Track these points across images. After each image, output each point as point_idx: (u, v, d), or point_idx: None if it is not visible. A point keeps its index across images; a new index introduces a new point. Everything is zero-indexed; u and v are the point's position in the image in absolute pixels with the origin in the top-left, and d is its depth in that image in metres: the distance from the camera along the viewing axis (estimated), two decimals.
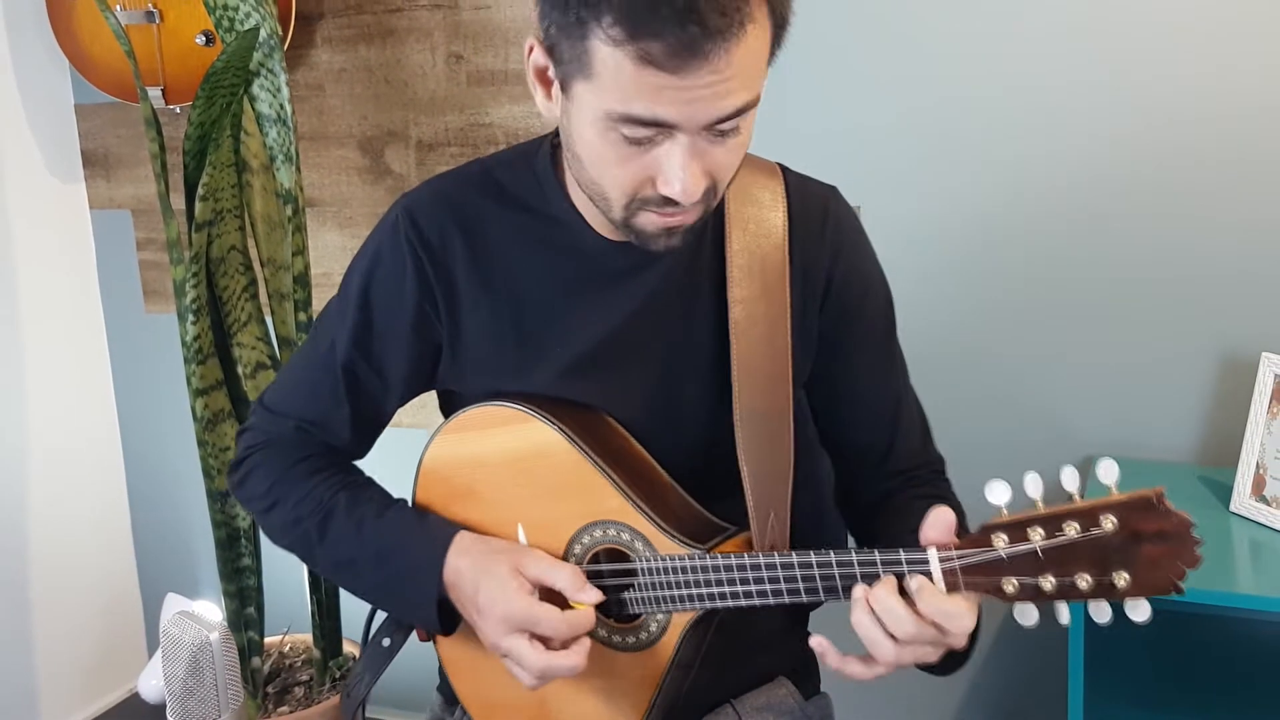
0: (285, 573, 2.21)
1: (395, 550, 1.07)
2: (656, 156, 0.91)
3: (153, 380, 2.48)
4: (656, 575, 1.00)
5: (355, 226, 2.26)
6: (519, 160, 1.11)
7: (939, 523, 0.87)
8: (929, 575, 0.87)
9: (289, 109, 1.89)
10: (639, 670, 1.04)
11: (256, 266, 2.00)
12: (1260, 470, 1.60)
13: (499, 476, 1.08)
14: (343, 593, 2.07)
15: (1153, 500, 0.79)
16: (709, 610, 1.00)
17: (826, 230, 1.09)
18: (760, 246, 1.06)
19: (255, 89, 1.89)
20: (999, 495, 0.83)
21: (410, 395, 1.16)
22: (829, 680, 1.26)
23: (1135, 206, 1.79)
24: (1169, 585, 0.80)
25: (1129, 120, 1.77)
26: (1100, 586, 0.81)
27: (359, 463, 1.20)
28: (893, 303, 1.16)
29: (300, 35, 2.17)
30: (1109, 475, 0.80)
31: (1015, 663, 1.99)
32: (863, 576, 0.90)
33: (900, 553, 0.88)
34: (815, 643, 0.93)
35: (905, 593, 0.88)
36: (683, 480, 1.07)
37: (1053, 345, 1.87)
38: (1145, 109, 1.76)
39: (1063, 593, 0.82)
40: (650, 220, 0.95)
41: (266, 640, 2.12)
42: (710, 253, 1.08)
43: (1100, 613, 0.83)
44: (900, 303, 1.19)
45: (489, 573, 1.00)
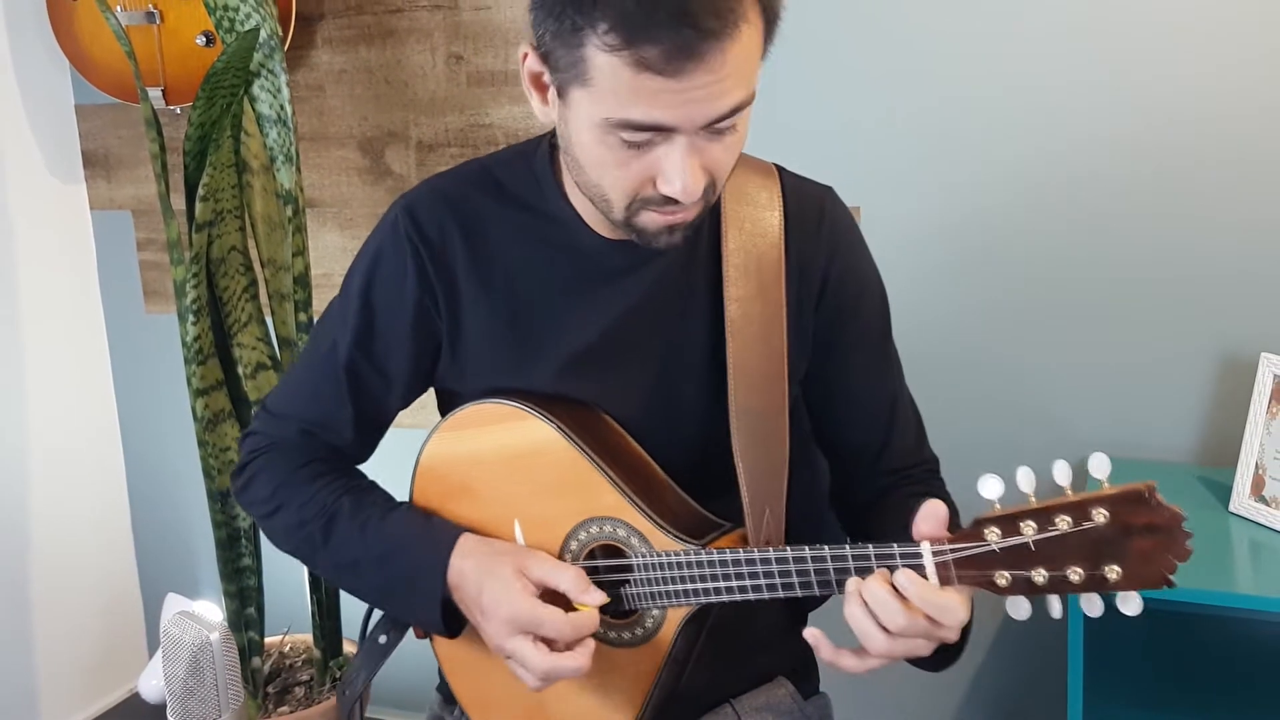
0: (285, 573, 2.21)
1: (399, 552, 1.07)
2: (656, 158, 0.91)
3: (153, 380, 2.49)
4: (652, 571, 1.01)
5: (355, 227, 2.26)
6: (517, 160, 1.12)
7: (931, 516, 0.88)
8: (922, 568, 0.87)
9: (289, 110, 1.89)
10: (635, 666, 1.04)
11: (257, 267, 2.00)
12: (1259, 470, 1.60)
13: (496, 474, 1.08)
14: (343, 593, 2.07)
15: (1143, 494, 0.79)
16: (704, 605, 1.01)
17: (822, 230, 1.10)
18: (756, 246, 1.07)
19: (255, 90, 1.89)
20: (991, 489, 0.84)
21: (413, 395, 1.16)
22: (828, 680, 1.26)
23: (1135, 206, 1.79)
24: (1160, 579, 0.80)
25: (1128, 120, 1.77)
26: (1091, 579, 0.82)
27: (363, 465, 1.20)
28: (888, 302, 1.16)
29: (300, 36, 2.17)
30: (1100, 469, 0.81)
31: (1015, 663, 1.99)
32: (857, 570, 0.91)
33: (894, 546, 0.89)
34: (809, 634, 0.93)
35: (898, 586, 0.88)
36: (679, 477, 1.07)
37: (1052, 345, 1.87)
38: (1145, 109, 1.76)
39: (1054, 586, 0.83)
40: (651, 219, 0.96)
41: (267, 640, 2.12)
42: (706, 252, 1.08)
43: (1092, 606, 0.83)
44: (899, 303, 1.18)
45: (493, 574, 1.00)
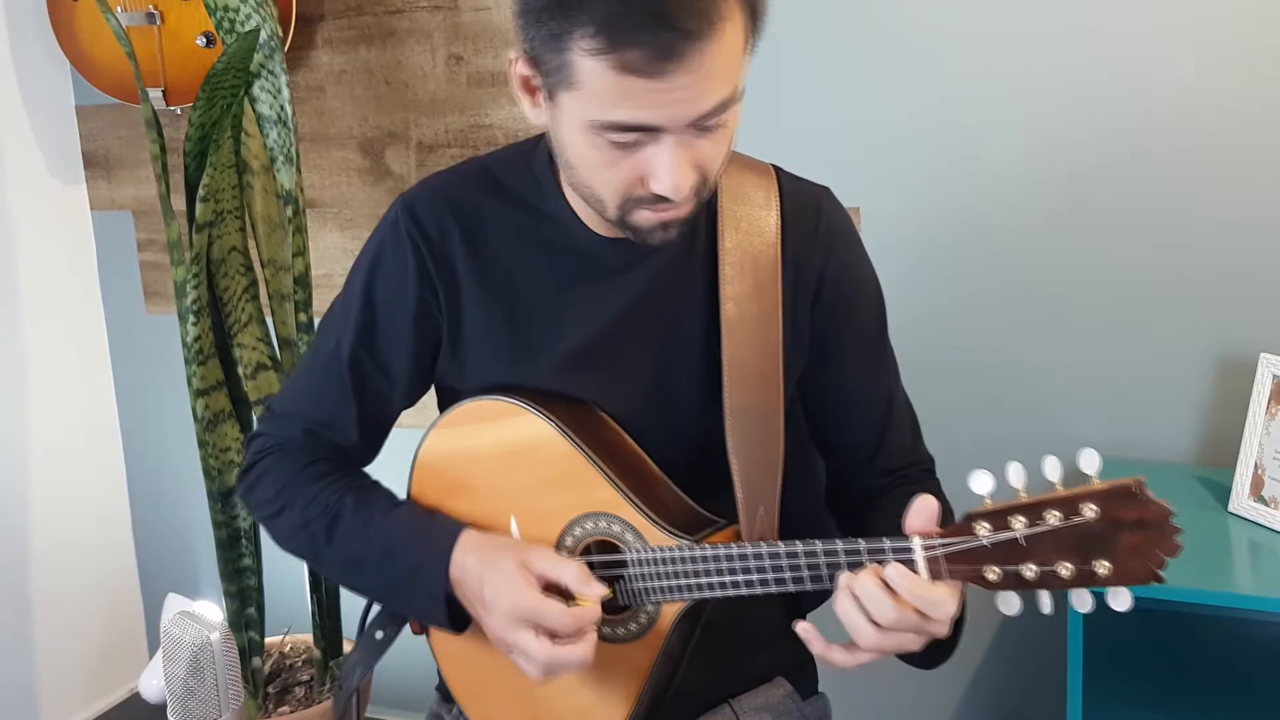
0: (286, 573, 2.22)
1: (401, 549, 1.08)
2: (645, 157, 0.92)
3: (153, 381, 2.49)
4: (646, 566, 1.01)
5: (356, 228, 2.26)
6: (516, 158, 1.12)
7: (922, 511, 0.88)
8: (913, 563, 0.87)
9: (289, 110, 1.89)
10: (628, 661, 1.05)
11: (257, 267, 2.01)
12: (1259, 471, 1.60)
13: (493, 470, 1.08)
14: (343, 593, 2.07)
15: (1132, 489, 0.79)
16: (698, 601, 1.01)
17: (819, 230, 1.10)
18: (753, 245, 1.07)
19: (256, 90, 1.89)
20: (982, 485, 0.84)
21: (415, 393, 1.17)
22: (827, 681, 1.26)
23: (1134, 206, 1.79)
24: (1149, 574, 0.80)
25: (1128, 120, 1.77)
26: (1081, 574, 0.82)
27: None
28: (884, 302, 1.16)
29: (300, 37, 2.17)
30: (1090, 465, 0.81)
31: (1014, 663, 1.99)
32: (848, 565, 0.91)
33: (884, 541, 0.89)
34: (801, 629, 0.94)
35: (888, 581, 0.88)
36: (675, 474, 1.08)
37: (1051, 345, 1.87)
38: (1144, 109, 1.76)
39: (1044, 581, 0.83)
40: (645, 217, 0.97)
41: (267, 640, 2.12)
42: (703, 251, 1.09)
43: (1082, 602, 0.83)
44: (897, 303, 1.19)
45: (495, 568, 1.00)
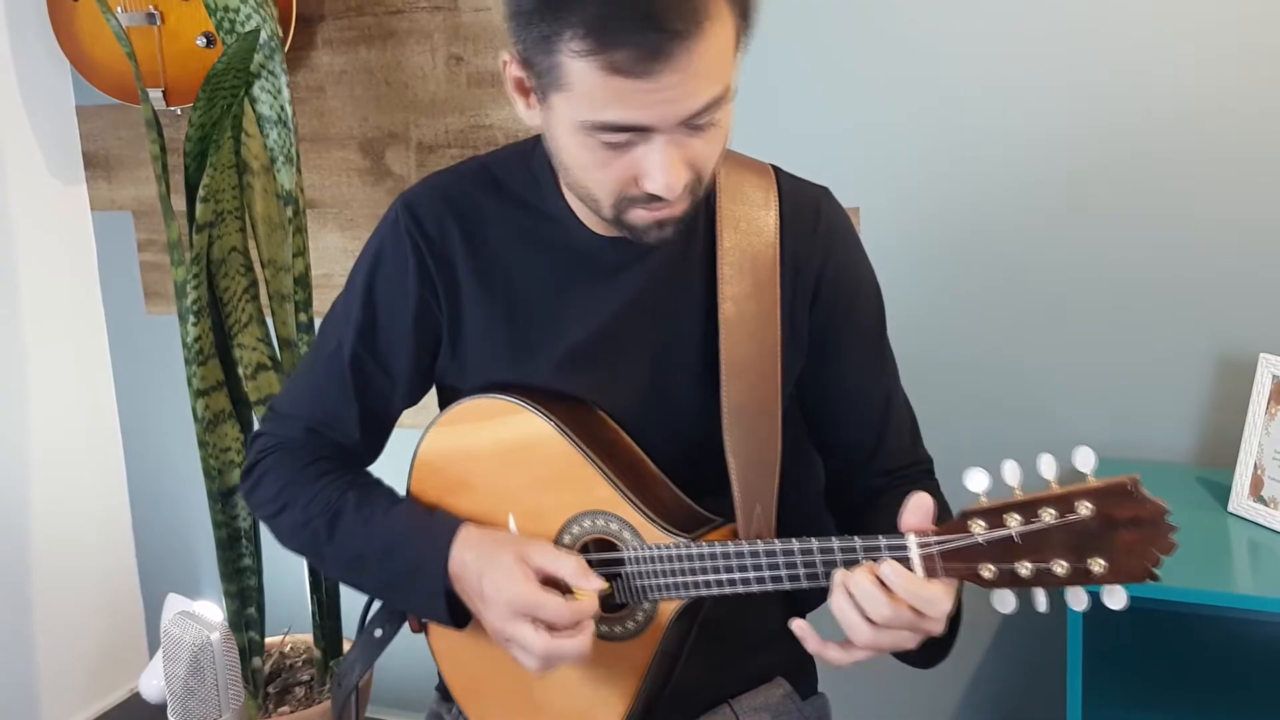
0: (286, 573, 2.22)
1: (401, 545, 1.08)
2: (637, 157, 0.93)
3: (154, 381, 2.49)
4: (643, 564, 1.01)
5: (356, 228, 2.26)
6: (516, 158, 1.13)
7: (918, 509, 0.88)
8: (908, 560, 0.88)
9: (290, 111, 1.90)
10: (626, 659, 1.05)
11: (257, 268, 2.01)
12: (1258, 471, 1.60)
13: (491, 468, 1.09)
14: (343, 593, 2.08)
15: (1128, 487, 0.79)
16: (694, 599, 1.01)
17: (818, 230, 1.10)
18: (751, 245, 1.07)
19: (256, 91, 1.90)
20: (977, 483, 0.84)
21: (416, 392, 1.17)
22: (826, 681, 1.26)
23: (1134, 206, 1.79)
24: (1144, 572, 0.80)
25: (1128, 120, 1.77)
26: (1076, 573, 0.82)
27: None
28: (883, 303, 1.16)
29: (301, 37, 2.18)
30: (1085, 463, 0.81)
31: (1014, 663, 1.99)
32: (843, 562, 0.91)
33: (880, 538, 0.89)
34: (795, 626, 0.94)
35: (883, 578, 0.88)
36: (673, 473, 1.08)
37: (1051, 346, 1.87)
38: (1144, 109, 1.76)
39: (1039, 579, 0.83)
40: (640, 216, 0.97)
41: (267, 640, 2.12)
42: (701, 251, 1.09)
43: (1077, 600, 0.83)
44: (897, 303, 1.19)
45: (494, 562, 1.01)
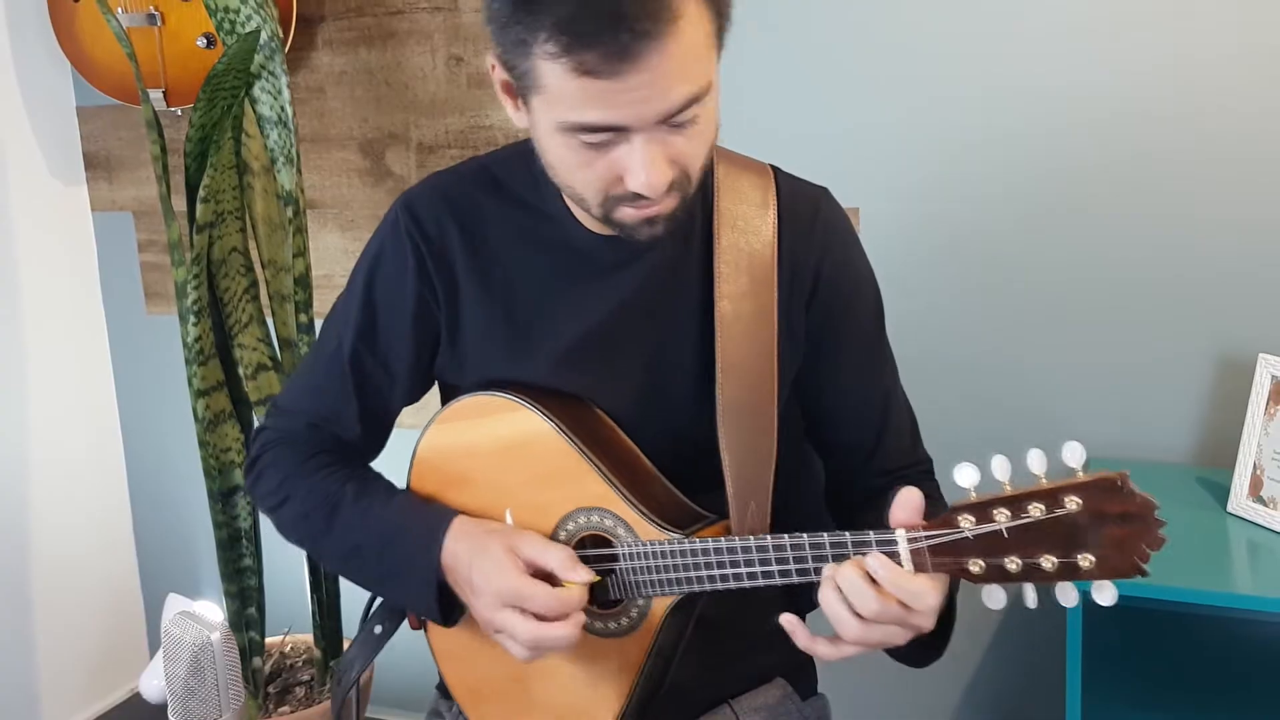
0: (286, 573, 2.22)
1: (396, 536, 1.09)
2: (618, 156, 0.93)
3: (154, 381, 2.49)
4: (637, 560, 1.02)
5: (356, 228, 2.26)
6: (516, 158, 1.13)
7: (907, 504, 0.89)
8: (897, 555, 0.88)
9: (290, 111, 1.90)
10: (622, 655, 1.05)
11: (258, 268, 2.01)
12: (1257, 471, 1.60)
13: (489, 464, 1.09)
14: (343, 593, 2.08)
15: (1116, 482, 0.79)
16: (689, 595, 1.01)
17: (816, 229, 1.10)
18: (749, 244, 1.08)
19: (256, 91, 1.90)
20: (967, 478, 0.84)
21: (416, 390, 1.18)
22: (826, 681, 1.27)
23: (1134, 207, 1.79)
24: (1133, 567, 0.80)
25: (1127, 120, 1.77)
26: (1065, 568, 0.82)
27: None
28: (882, 303, 1.16)
29: (301, 38, 2.18)
30: (1075, 458, 0.81)
31: (1013, 663, 1.99)
32: (834, 557, 0.92)
33: (870, 534, 0.90)
34: (785, 620, 0.94)
35: (870, 571, 0.88)
36: (670, 471, 1.08)
37: (1050, 346, 1.87)
38: (1143, 109, 1.76)
39: (1028, 574, 0.83)
40: (628, 214, 0.97)
41: (267, 640, 2.12)
42: (699, 249, 1.09)
43: (1067, 596, 0.83)
44: (896, 304, 1.19)
45: (484, 553, 1.02)
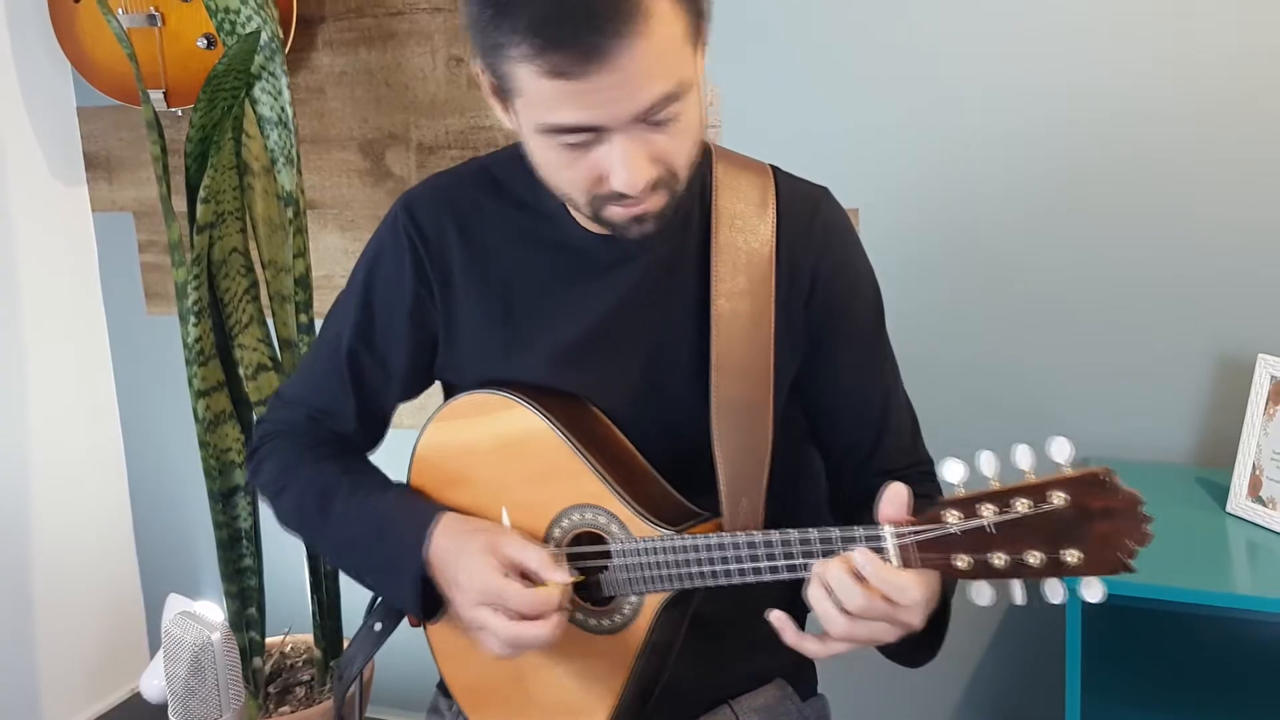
0: (287, 573, 2.22)
1: (386, 530, 1.10)
2: (599, 156, 0.93)
3: (154, 382, 2.49)
4: (629, 557, 1.02)
5: (356, 229, 2.27)
6: (516, 158, 1.13)
7: (894, 499, 0.89)
8: (884, 550, 0.88)
9: (290, 112, 1.90)
10: (615, 652, 1.05)
11: (258, 268, 2.01)
12: (1256, 471, 1.60)
13: (487, 462, 1.10)
14: (343, 593, 2.08)
15: (1101, 477, 0.79)
16: (682, 592, 1.01)
17: (815, 229, 1.10)
18: (747, 243, 1.08)
19: (256, 92, 1.90)
20: (954, 474, 0.84)
21: (412, 389, 1.19)
22: (826, 682, 1.27)
23: (1133, 207, 1.79)
24: (1119, 564, 0.80)
25: (1127, 120, 1.77)
26: (1051, 563, 0.81)
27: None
28: (882, 303, 1.16)
29: (301, 38, 2.18)
30: (1061, 454, 0.81)
31: (1013, 663, 1.99)
32: (821, 553, 0.92)
33: (857, 529, 0.90)
34: (773, 617, 0.94)
35: (855, 566, 0.88)
36: (667, 469, 1.08)
37: (1050, 346, 1.87)
38: (1143, 109, 1.76)
39: (1014, 570, 0.83)
40: (615, 213, 0.98)
41: (268, 640, 2.13)
42: (696, 248, 1.09)
43: (1054, 593, 0.83)
44: (896, 304, 1.19)
45: (465, 551, 1.03)
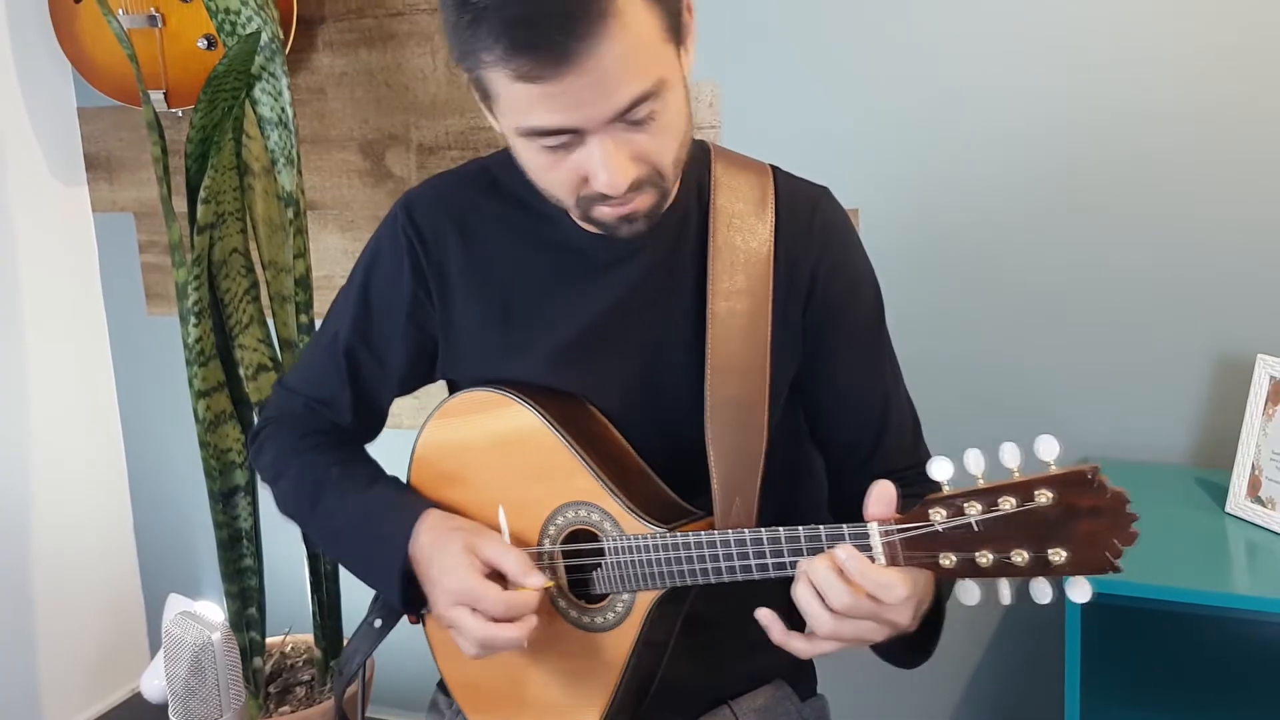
0: (287, 573, 2.22)
1: (372, 522, 1.11)
2: (579, 157, 0.93)
3: (155, 382, 2.50)
4: (621, 555, 1.02)
5: (356, 229, 2.27)
6: (515, 159, 1.13)
7: (881, 498, 0.88)
8: (870, 548, 0.88)
9: (290, 112, 1.90)
10: (609, 649, 1.06)
11: (258, 269, 2.01)
12: (1255, 471, 1.60)
13: (484, 460, 1.10)
14: (343, 593, 2.08)
15: (1087, 475, 0.78)
16: (673, 591, 1.01)
17: (814, 229, 1.10)
18: (745, 242, 1.08)
19: (257, 93, 1.90)
20: (941, 471, 0.84)
21: (409, 386, 1.20)
22: (826, 682, 1.27)
23: (1133, 207, 1.79)
24: (1105, 563, 0.79)
25: (1127, 120, 1.77)
26: (1037, 562, 0.81)
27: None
28: (882, 303, 1.15)
29: (301, 39, 2.18)
30: (1048, 452, 0.80)
31: (1012, 663, 1.99)
32: (809, 551, 0.92)
33: (844, 527, 0.90)
34: (761, 615, 0.94)
35: (839, 563, 0.88)
36: (663, 469, 1.08)
37: (1049, 346, 1.87)
38: (1143, 109, 1.76)
39: (1000, 569, 0.82)
40: (603, 213, 0.98)
41: (268, 640, 2.13)
42: (694, 248, 1.09)
43: (1041, 593, 0.83)
44: (897, 304, 1.18)
45: (444, 549, 1.03)
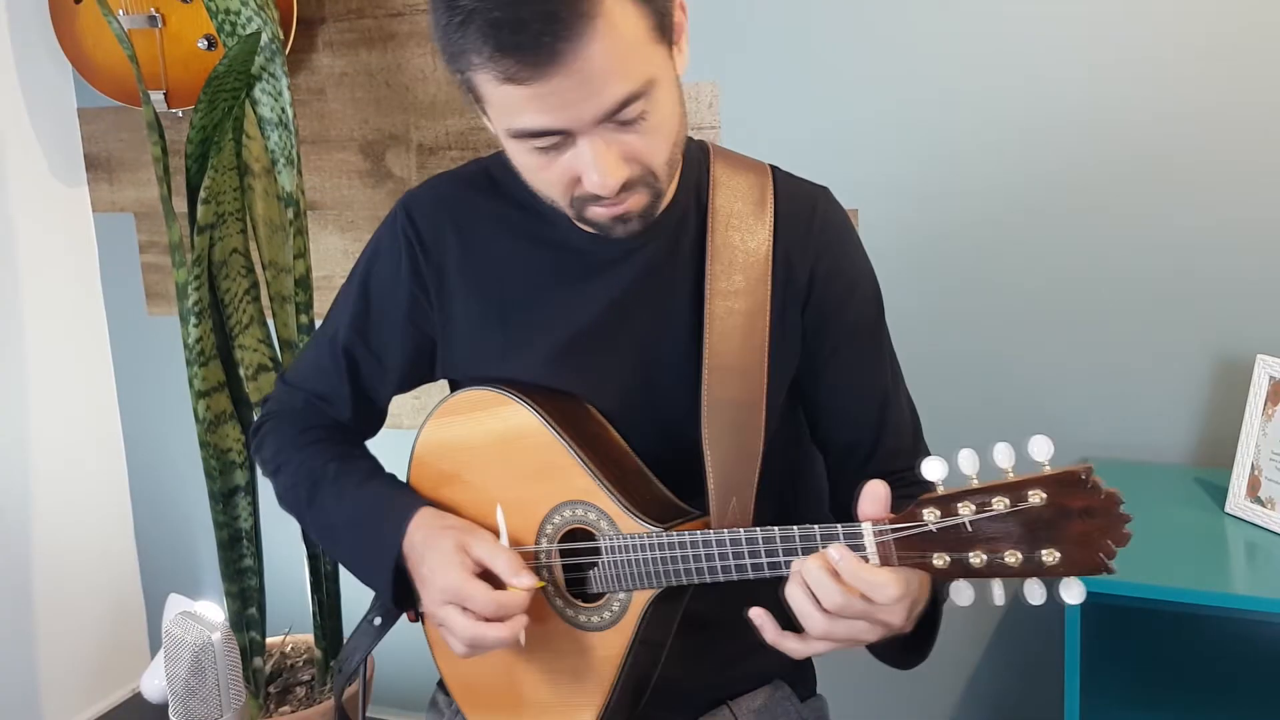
0: (287, 573, 2.23)
1: (366, 519, 1.11)
2: (570, 158, 0.93)
3: (155, 382, 2.50)
4: (617, 554, 1.02)
5: (356, 230, 2.27)
6: None
7: (874, 497, 0.88)
8: (863, 548, 0.88)
9: (290, 113, 1.90)
10: (605, 648, 1.06)
11: (258, 269, 2.01)
12: (1255, 471, 1.60)
13: (483, 459, 1.10)
14: (344, 593, 2.08)
15: (1080, 475, 0.78)
16: (669, 589, 1.02)
17: (813, 229, 1.10)
18: (744, 243, 1.08)
19: (257, 93, 1.90)
20: (934, 472, 0.83)
21: (408, 384, 1.20)
22: (826, 682, 1.27)
23: (1134, 206, 1.79)
24: (1098, 564, 0.79)
25: (1126, 121, 1.77)
26: (1029, 563, 0.81)
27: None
28: (882, 303, 1.15)
29: (301, 40, 2.18)
30: (1042, 452, 0.80)
31: (1012, 663, 1.99)
32: (802, 550, 0.92)
33: (838, 527, 0.90)
34: (754, 614, 0.94)
35: (831, 562, 0.88)
36: (661, 468, 1.08)
37: (1049, 346, 1.87)
38: (1143, 110, 1.76)
39: (993, 569, 0.82)
40: (597, 213, 0.98)
41: (268, 640, 2.13)
42: (692, 248, 1.09)
43: (1034, 594, 0.82)
44: (896, 304, 1.18)
45: (435, 547, 1.04)
